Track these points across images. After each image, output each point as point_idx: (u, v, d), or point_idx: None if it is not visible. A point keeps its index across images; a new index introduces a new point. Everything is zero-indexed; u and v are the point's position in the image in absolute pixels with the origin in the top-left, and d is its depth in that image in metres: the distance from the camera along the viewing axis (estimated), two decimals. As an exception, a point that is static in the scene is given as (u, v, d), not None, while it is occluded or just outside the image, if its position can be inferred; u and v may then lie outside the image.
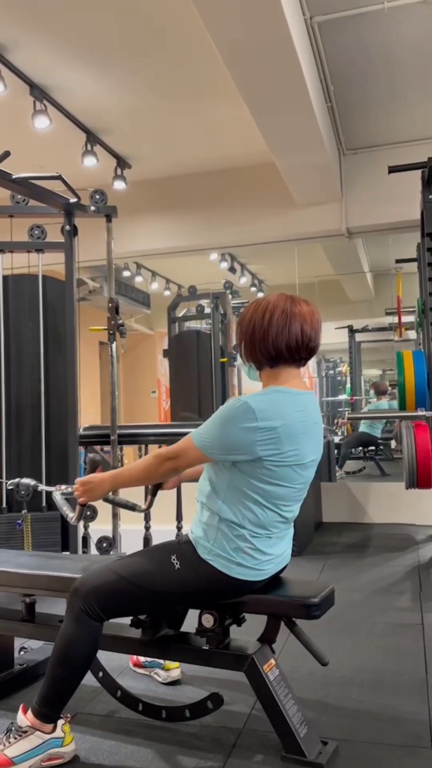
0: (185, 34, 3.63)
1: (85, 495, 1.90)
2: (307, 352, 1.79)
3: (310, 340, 1.77)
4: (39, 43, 3.73)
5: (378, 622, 2.88)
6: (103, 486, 1.89)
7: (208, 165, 5.65)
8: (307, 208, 5.39)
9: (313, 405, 1.83)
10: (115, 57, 3.94)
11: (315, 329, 1.78)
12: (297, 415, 1.73)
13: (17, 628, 2.21)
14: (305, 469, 1.78)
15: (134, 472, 1.87)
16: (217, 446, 1.71)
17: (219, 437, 1.70)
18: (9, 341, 3.74)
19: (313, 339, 1.78)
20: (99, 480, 1.89)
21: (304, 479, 1.79)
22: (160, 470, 1.81)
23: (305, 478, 1.80)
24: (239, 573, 1.73)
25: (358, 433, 7.71)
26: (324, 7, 3.47)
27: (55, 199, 3.56)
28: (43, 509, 3.68)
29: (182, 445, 1.77)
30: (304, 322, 1.75)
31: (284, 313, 1.74)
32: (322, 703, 2.13)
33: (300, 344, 1.75)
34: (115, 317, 3.76)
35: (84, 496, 1.91)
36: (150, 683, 2.29)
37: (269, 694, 1.77)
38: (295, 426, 1.71)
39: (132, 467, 1.89)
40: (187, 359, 6.89)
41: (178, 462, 1.79)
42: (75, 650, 1.78)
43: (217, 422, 1.71)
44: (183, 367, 6.96)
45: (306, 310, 1.78)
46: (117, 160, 5.35)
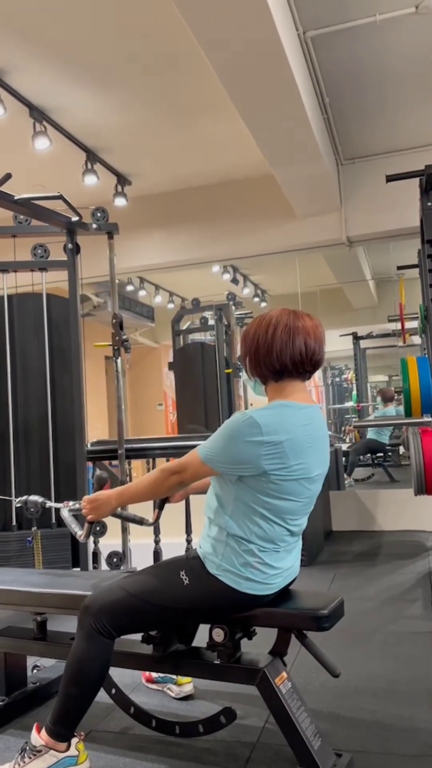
0: (181, 52, 3.68)
1: (92, 512, 1.93)
2: (311, 366, 1.81)
3: (314, 354, 1.79)
4: (37, 65, 3.79)
5: (390, 631, 2.87)
6: (110, 503, 1.91)
7: (207, 179, 5.70)
8: (307, 218, 5.43)
9: (318, 418, 1.84)
10: (113, 77, 4.00)
11: (318, 343, 1.80)
12: (302, 429, 1.74)
13: (29, 647, 2.23)
14: (312, 482, 1.79)
15: (140, 488, 1.89)
16: (223, 460, 1.73)
17: (224, 451, 1.72)
18: (15, 359, 3.77)
19: (317, 352, 1.80)
20: (106, 497, 1.92)
21: (310, 493, 1.80)
22: (166, 484, 1.83)
23: (312, 491, 1.81)
24: (248, 588, 1.74)
25: (365, 440, 7.69)
26: (316, 22, 3.51)
27: (56, 218, 3.60)
28: (53, 526, 3.69)
29: (188, 459, 1.80)
30: (307, 336, 1.77)
31: (287, 328, 1.77)
32: (336, 714, 2.13)
33: (304, 358, 1.77)
34: (119, 333, 3.79)
35: (92, 514, 1.94)
36: (163, 699, 2.30)
37: (282, 708, 1.77)
38: (300, 440, 1.72)
39: (138, 483, 1.91)
40: (192, 371, 6.92)
41: (183, 476, 1.81)
42: (87, 668, 1.79)
43: (223, 436, 1.73)
44: (188, 380, 6.98)
45: (309, 324, 1.80)
46: (117, 177, 5.40)
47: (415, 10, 3.44)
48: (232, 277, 7.51)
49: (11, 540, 3.66)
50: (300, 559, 1.90)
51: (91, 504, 1.93)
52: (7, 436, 3.71)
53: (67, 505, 2.22)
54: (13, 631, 2.31)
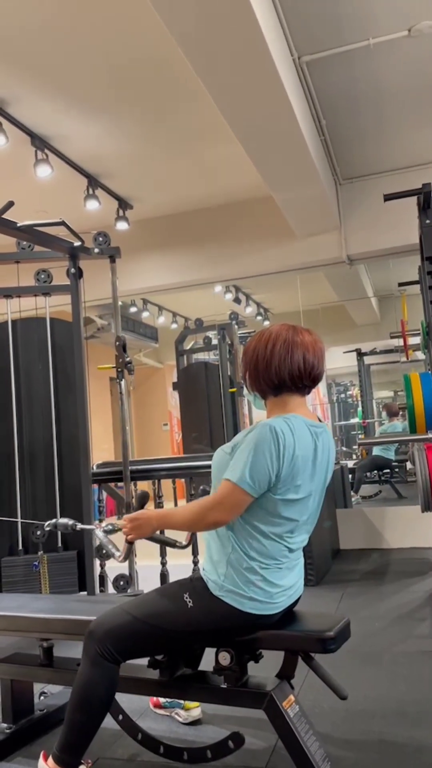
0: (178, 78, 3.75)
1: (133, 532, 1.85)
2: (310, 380, 1.82)
3: (313, 368, 1.81)
4: (38, 95, 3.87)
5: (399, 652, 2.85)
6: (151, 524, 1.84)
7: (207, 201, 5.76)
8: (307, 238, 5.48)
9: (326, 438, 1.85)
10: (112, 104, 4.07)
11: (317, 357, 1.81)
12: (311, 446, 1.76)
13: (36, 674, 2.22)
14: (315, 501, 1.81)
15: (185, 518, 1.80)
16: (255, 472, 1.67)
17: (254, 463, 1.67)
18: (20, 383, 3.80)
19: (316, 367, 1.81)
20: (147, 518, 1.84)
21: (311, 512, 1.81)
22: (203, 523, 1.75)
23: (313, 511, 1.82)
24: (252, 608, 1.74)
25: (372, 457, 7.66)
26: (311, 47, 3.58)
27: (59, 243, 3.65)
28: (59, 549, 3.69)
29: (220, 491, 1.71)
30: (306, 350, 1.79)
31: (286, 343, 1.79)
32: (345, 738, 2.11)
33: (303, 372, 1.79)
34: (122, 355, 3.82)
35: (132, 533, 1.86)
36: (171, 724, 2.28)
37: (290, 731, 1.76)
38: (309, 457, 1.75)
39: (183, 512, 1.81)
40: (196, 391, 6.94)
41: (221, 510, 1.70)
42: (93, 694, 1.78)
43: (250, 450, 1.69)
44: (193, 399, 7.00)
45: (308, 340, 1.81)
46: (118, 202, 5.47)
47: (407, 33, 3.50)
48: (235, 296, 7.55)
49: (18, 565, 3.66)
50: (303, 578, 1.90)
51: (132, 523, 1.85)
52: (12, 460, 3.73)
53: (99, 526, 2.13)
54: (20, 658, 2.30)
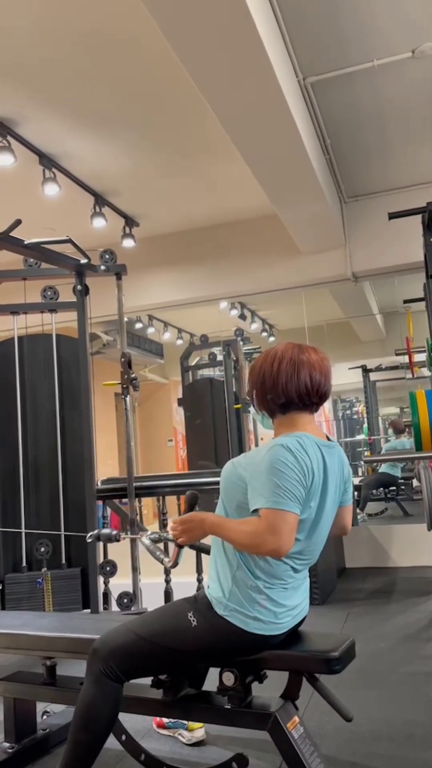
0: (184, 98, 3.80)
1: (184, 535, 1.78)
2: (318, 398, 1.82)
3: (320, 386, 1.81)
4: (46, 115, 3.93)
5: (405, 672, 2.81)
6: (202, 527, 1.75)
7: (213, 219, 5.81)
8: (312, 255, 5.51)
9: (341, 458, 1.84)
10: (118, 123, 4.12)
11: (324, 375, 1.82)
12: (321, 465, 1.75)
13: (39, 692, 2.21)
14: (323, 520, 1.79)
15: (238, 533, 1.68)
16: (285, 487, 1.63)
17: (279, 481, 1.63)
18: (25, 399, 3.82)
19: (323, 384, 1.82)
20: (199, 520, 1.76)
21: (318, 538, 1.79)
22: (262, 549, 1.63)
23: (322, 535, 1.81)
24: (257, 628, 1.72)
25: (378, 474, 7.62)
26: (316, 68, 3.63)
27: (66, 261, 3.68)
28: (63, 566, 3.68)
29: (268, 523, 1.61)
30: (312, 369, 1.80)
31: (292, 361, 1.80)
32: (350, 760, 2.08)
33: (310, 390, 1.79)
34: (128, 371, 3.83)
35: (183, 537, 1.78)
36: (174, 745, 2.26)
37: (294, 754, 1.74)
38: (319, 475, 1.73)
39: (240, 527, 1.68)
40: (201, 407, 6.94)
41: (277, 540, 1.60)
42: (96, 713, 1.76)
43: (273, 475, 1.64)
44: (198, 415, 7.00)
45: (314, 358, 1.82)
46: (125, 219, 5.52)
47: (411, 55, 3.55)
48: (240, 313, 7.58)
49: (22, 581, 3.65)
50: (309, 598, 1.88)
51: (183, 526, 1.77)
52: (17, 475, 3.73)
53: (143, 534, 2.07)
54: (23, 677, 2.29)
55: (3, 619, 2.36)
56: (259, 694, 1.88)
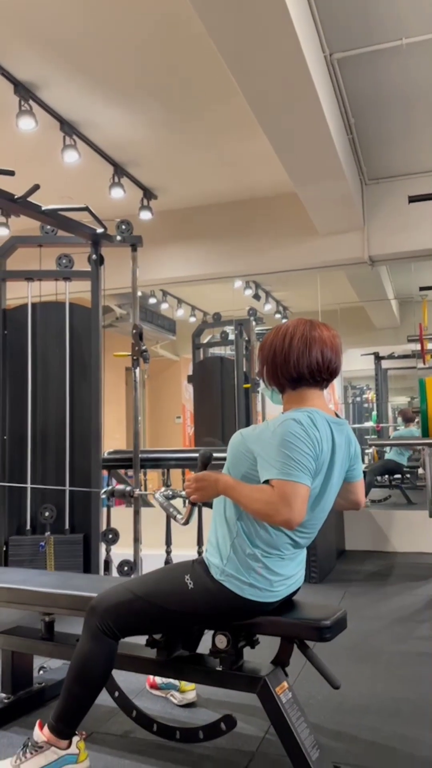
0: (210, 72, 3.77)
1: (197, 492, 1.79)
2: (328, 374, 1.83)
3: (331, 363, 1.82)
4: (69, 81, 3.91)
5: (397, 651, 2.85)
6: (216, 488, 1.76)
7: (231, 195, 5.78)
8: (329, 236, 5.47)
9: (349, 435, 1.86)
10: (142, 94, 4.10)
11: (335, 352, 1.83)
12: (330, 441, 1.76)
13: (36, 647, 2.26)
14: (327, 494, 1.81)
15: (251, 500, 1.68)
16: (298, 459, 1.64)
17: (291, 453, 1.64)
18: (36, 366, 3.85)
19: (334, 361, 1.83)
20: (214, 480, 1.77)
21: (322, 509, 1.81)
22: (275, 519, 1.63)
23: (326, 507, 1.83)
24: (251, 594, 1.76)
25: (384, 461, 7.63)
26: (343, 45, 3.58)
27: (82, 229, 3.69)
28: (66, 531, 3.74)
29: (281, 493, 1.61)
30: (323, 345, 1.81)
31: (304, 337, 1.80)
32: (336, 729, 2.12)
33: (321, 366, 1.80)
34: (139, 343, 3.85)
35: (196, 494, 1.79)
36: (165, 705, 2.31)
37: (281, 716, 1.78)
38: (328, 450, 1.75)
39: (254, 494, 1.67)
40: (211, 385, 6.96)
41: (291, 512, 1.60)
42: (91, 667, 1.81)
43: (284, 448, 1.65)
44: (207, 393, 7.02)
45: (326, 334, 1.83)
46: (143, 192, 5.50)
47: (441, 35, 3.49)
48: (254, 292, 7.56)
49: (25, 544, 3.72)
50: (304, 569, 1.91)
51: (197, 483, 1.78)
52: (25, 441, 3.78)
53: (158, 490, 2.08)
54: (22, 631, 2.35)
55: (5, 575, 2.42)
56: (250, 660, 1.92)
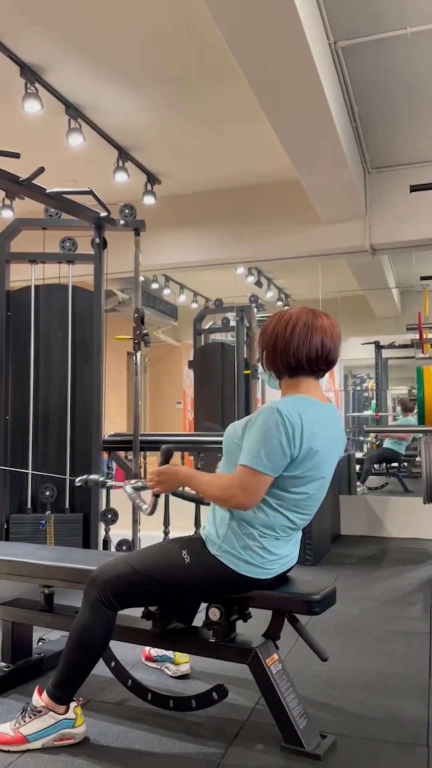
0: (213, 57, 3.78)
1: (159, 485, 1.91)
2: (326, 364, 1.88)
3: (330, 353, 1.86)
4: (75, 64, 3.92)
5: (387, 630, 2.93)
6: (177, 479, 1.90)
7: (235, 182, 5.79)
8: (331, 224, 5.50)
9: (336, 419, 1.92)
10: (147, 78, 4.11)
11: (334, 342, 1.87)
12: (321, 427, 1.81)
13: (36, 618, 2.33)
14: (322, 476, 1.86)
15: (210, 491, 1.83)
16: (270, 453, 1.73)
17: (266, 445, 1.73)
18: (39, 348, 3.90)
19: (333, 351, 1.87)
20: (174, 473, 1.90)
21: (316, 490, 1.87)
22: (230, 503, 1.79)
23: (319, 489, 1.88)
24: (246, 570, 1.82)
25: (381, 449, 7.70)
26: (347, 33, 3.59)
27: (86, 212, 3.72)
28: (66, 511, 3.81)
29: (242, 477, 1.75)
30: (324, 335, 1.85)
31: (306, 326, 1.84)
32: (325, 702, 2.20)
33: (319, 356, 1.85)
34: (140, 327, 3.90)
35: (158, 487, 1.92)
36: (160, 676, 2.39)
37: (271, 686, 1.85)
38: (317, 437, 1.80)
39: (210, 482, 1.84)
40: (211, 371, 7.01)
41: (246, 499, 1.75)
42: (89, 636, 1.88)
43: (260, 438, 1.75)
44: (207, 379, 7.07)
45: (327, 324, 1.87)
46: (147, 176, 5.52)
47: (445, 24, 3.50)
48: (257, 279, 7.59)
49: (26, 522, 3.79)
50: (298, 548, 1.98)
51: (159, 477, 1.91)
52: (27, 421, 3.84)
53: (128, 482, 2.19)
54: (22, 603, 2.42)
55: (7, 548, 2.49)
56: (242, 633, 1.99)
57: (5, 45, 3.72)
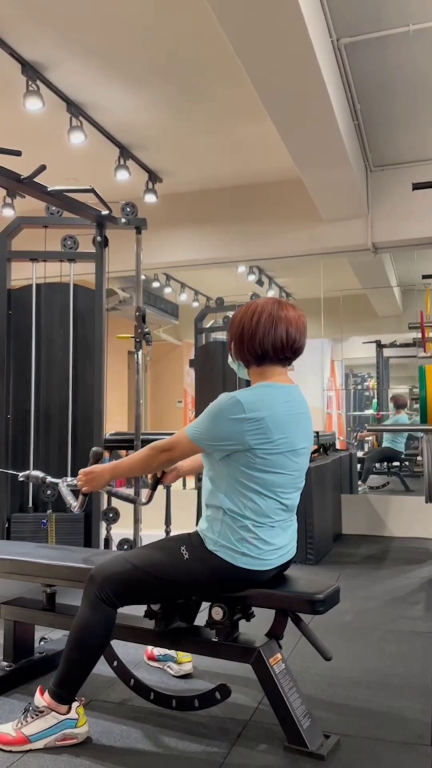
0: (215, 55, 3.77)
1: (87, 484, 2.06)
2: (291, 353, 1.93)
3: (295, 342, 1.91)
4: (76, 62, 3.91)
5: (389, 630, 2.92)
6: (103, 476, 2.04)
7: (236, 180, 5.78)
8: (333, 223, 5.48)
9: (298, 396, 1.95)
10: (149, 76, 4.10)
11: (300, 332, 1.92)
12: (283, 406, 1.85)
13: (38, 617, 2.33)
14: (297, 455, 1.89)
15: (132, 463, 2.00)
16: (209, 437, 1.84)
17: (210, 429, 1.83)
18: (40, 346, 3.89)
19: (298, 341, 1.92)
20: (100, 470, 2.04)
21: (298, 466, 1.90)
22: (156, 461, 1.94)
23: (299, 465, 1.91)
24: (244, 563, 1.82)
25: (381, 448, 7.68)
26: (350, 30, 3.58)
27: (87, 211, 3.71)
28: (67, 510, 3.79)
29: (177, 438, 1.91)
30: (289, 325, 1.89)
31: (271, 316, 1.89)
32: (328, 701, 2.19)
33: (285, 345, 1.89)
34: (141, 325, 3.88)
35: (87, 486, 2.07)
36: (163, 676, 2.38)
37: (274, 686, 1.84)
38: (281, 416, 1.83)
39: (130, 458, 2.01)
40: (212, 369, 6.99)
41: (172, 453, 1.92)
42: (90, 634, 1.88)
43: (209, 416, 1.84)
44: (208, 377, 7.06)
45: (292, 315, 1.91)
46: (149, 174, 5.51)
47: (448, 21, 3.49)
48: (258, 278, 7.58)
49: (27, 521, 3.78)
50: (295, 540, 1.97)
51: (86, 476, 2.06)
52: (28, 421, 3.83)
53: (65, 480, 2.37)
54: (24, 602, 2.41)
55: (8, 548, 2.48)
56: (245, 632, 1.98)
57: (7, 42, 3.71)
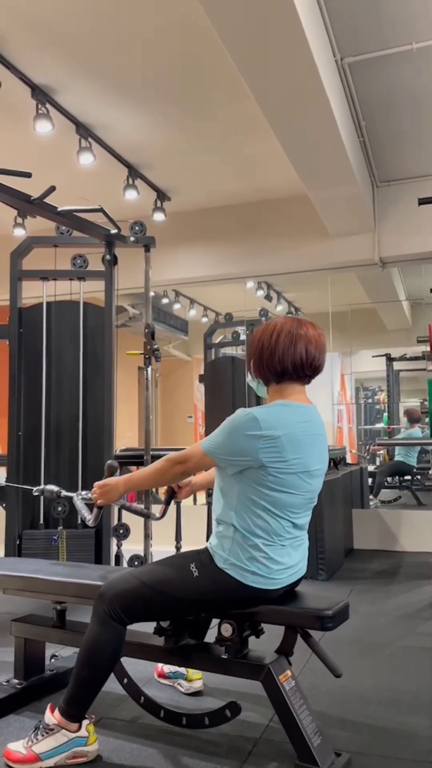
0: (220, 74, 3.84)
1: (102, 497, 2.08)
2: (311, 370, 1.94)
3: (314, 360, 1.93)
4: (85, 84, 3.99)
5: (400, 646, 2.90)
6: (118, 488, 2.06)
7: (244, 197, 5.84)
8: (340, 238, 5.52)
9: (316, 417, 1.95)
10: (156, 96, 4.17)
11: (319, 350, 1.93)
12: (300, 426, 1.85)
13: (48, 634, 2.33)
14: (311, 477, 1.88)
15: (146, 475, 2.02)
16: (223, 452, 1.85)
17: (224, 443, 1.84)
18: (50, 364, 3.93)
19: (317, 358, 1.93)
20: (114, 483, 2.06)
21: (311, 487, 1.90)
22: (170, 473, 1.96)
23: (312, 486, 1.90)
24: (254, 582, 1.82)
25: (393, 462, 7.65)
26: (354, 49, 3.63)
27: (96, 230, 3.77)
28: (78, 526, 3.81)
29: (192, 451, 1.93)
30: (308, 343, 1.91)
31: (290, 334, 1.91)
32: (339, 718, 2.18)
33: (304, 362, 1.90)
34: (151, 342, 3.91)
35: (101, 498, 2.08)
36: (173, 693, 2.38)
37: (284, 703, 1.84)
38: (298, 435, 1.83)
39: (143, 471, 2.04)
40: (222, 384, 7.02)
41: (187, 466, 1.94)
42: (100, 651, 1.88)
43: (224, 431, 1.85)
44: (218, 393, 7.08)
45: (311, 333, 1.93)
46: (157, 193, 5.58)
47: (451, 39, 3.53)
48: (266, 293, 7.61)
49: (38, 538, 3.80)
50: (306, 559, 1.97)
51: (100, 489, 2.07)
52: (39, 437, 3.87)
53: (79, 494, 2.40)
54: (34, 619, 2.42)
55: (19, 565, 2.49)
56: (255, 649, 1.98)
57: (17, 67, 3.80)
